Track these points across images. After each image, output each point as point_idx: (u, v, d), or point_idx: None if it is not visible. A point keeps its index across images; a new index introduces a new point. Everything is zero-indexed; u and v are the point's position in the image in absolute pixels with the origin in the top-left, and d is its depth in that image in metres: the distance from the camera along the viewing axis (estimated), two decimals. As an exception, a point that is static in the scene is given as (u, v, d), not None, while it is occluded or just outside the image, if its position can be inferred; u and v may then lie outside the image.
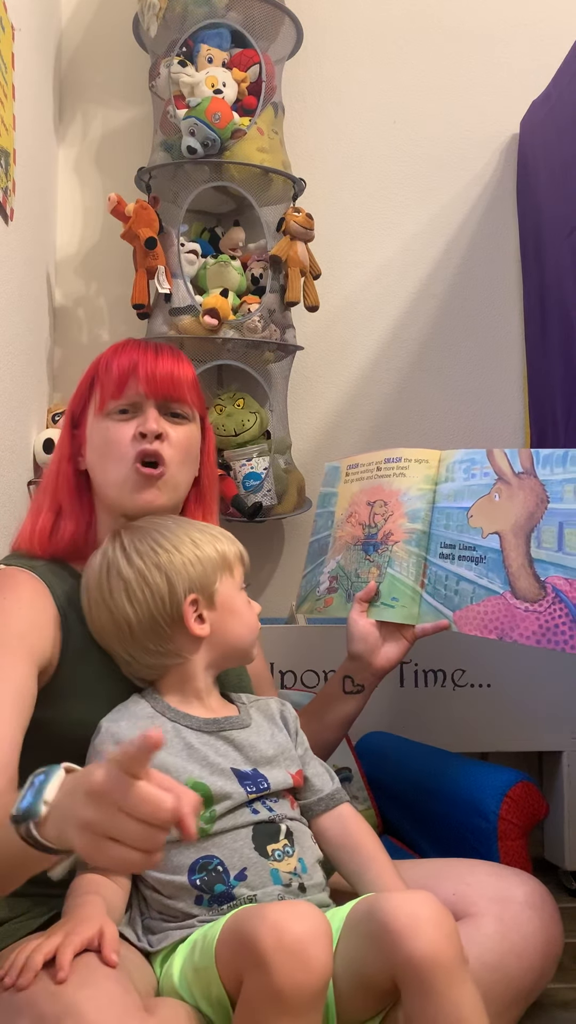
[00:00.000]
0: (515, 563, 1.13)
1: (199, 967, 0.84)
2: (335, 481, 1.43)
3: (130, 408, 1.08)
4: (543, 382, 1.97)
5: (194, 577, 1.00)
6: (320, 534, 1.42)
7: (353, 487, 1.37)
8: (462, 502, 1.22)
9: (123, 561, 1.00)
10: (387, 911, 0.82)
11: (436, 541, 1.23)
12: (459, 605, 1.18)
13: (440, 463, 1.27)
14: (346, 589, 1.30)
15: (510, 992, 0.96)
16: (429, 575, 1.22)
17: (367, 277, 2.11)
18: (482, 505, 1.20)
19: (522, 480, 1.16)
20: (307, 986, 0.74)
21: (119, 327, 2.02)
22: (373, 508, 1.31)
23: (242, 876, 0.91)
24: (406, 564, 1.24)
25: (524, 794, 1.34)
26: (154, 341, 1.17)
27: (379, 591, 1.24)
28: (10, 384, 1.56)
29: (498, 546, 1.16)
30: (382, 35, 2.13)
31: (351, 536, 1.33)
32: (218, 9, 1.82)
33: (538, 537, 1.12)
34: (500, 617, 1.13)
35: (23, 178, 1.61)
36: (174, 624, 0.99)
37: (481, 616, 1.15)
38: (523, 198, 2.10)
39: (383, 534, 1.27)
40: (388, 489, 1.30)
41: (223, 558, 1.03)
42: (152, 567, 0.99)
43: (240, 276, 1.83)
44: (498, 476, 1.19)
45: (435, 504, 1.25)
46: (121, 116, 2.08)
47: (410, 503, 1.27)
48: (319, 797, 1.03)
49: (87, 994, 0.73)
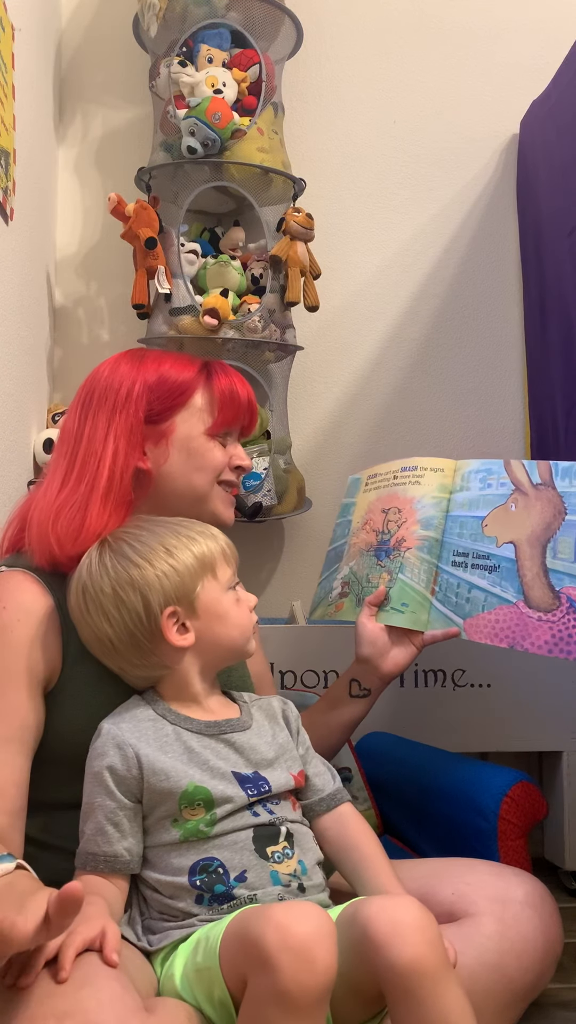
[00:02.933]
0: (530, 573, 1.14)
1: (202, 967, 0.84)
2: (355, 492, 1.44)
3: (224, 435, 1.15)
4: (543, 382, 1.97)
5: (170, 589, 0.97)
6: (337, 542, 1.43)
7: (371, 496, 1.39)
8: (477, 511, 1.22)
9: (96, 580, 0.98)
10: (368, 918, 0.82)
11: (449, 549, 1.23)
12: (470, 613, 1.18)
13: (456, 472, 1.28)
14: (356, 593, 1.31)
15: (509, 992, 0.96)
16: (440, 582, 1.22)
17: (367, 277, 2.11)
18: (498, 514, 1.20)
19: (540, 491, 1.17)
20: (312, 986, 0.74)
21: (119, 327, 2.03)
22: (387, 515, 1.32)
23: (242, 878, 0.91)
24: (417, 570, 1.24)
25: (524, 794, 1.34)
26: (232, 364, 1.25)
27: (389, 596, 1.24)
28: (10, 384, 1.56)
29: (513, 555, 1.16)
30: (382, 35, 2.13)
31: (364, 543, 1.34)
32: (218, 9, 1.82)
33: (554, 548, 1.13)
34: (512, 626, 1.14)
35: (23, 178, 1.61)
36: (154, 639, 0.98)
37: (492, 625, 1.16)
38: (523, 198, 2.10)
39: (395, 540, 1.28)
40: (403, 497, 1.31)
41: (202, 562, 1.00)
42: (125, 585, 0.97)
43: (240, 276, 1.83)
44: (515, 486, 1.20)
45: (449, 512, 1.25)
46: (121, 116, 2.08)
47: (424, 510, 1.27)
48: (320, 797, 1.03)
49: (88, 993, 0.73)
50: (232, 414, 1.14)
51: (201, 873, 0.91)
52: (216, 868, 0.91)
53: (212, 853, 0.92)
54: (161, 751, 0.94)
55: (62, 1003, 0.72)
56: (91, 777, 0.94)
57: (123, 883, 0.93)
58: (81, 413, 1.11)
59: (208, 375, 1.14)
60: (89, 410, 1.11)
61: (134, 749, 0.93)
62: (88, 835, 0.93)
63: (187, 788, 0.92)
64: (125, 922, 0.93)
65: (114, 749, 0.93)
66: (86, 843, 0.93)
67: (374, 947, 0.80)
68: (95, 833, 0.92)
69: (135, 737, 0.94)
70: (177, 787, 0.92)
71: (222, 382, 1.14)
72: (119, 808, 0.92)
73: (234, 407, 1.14)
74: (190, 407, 1.12)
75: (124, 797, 0.93)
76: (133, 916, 0.94)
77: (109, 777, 0.93)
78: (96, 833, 0.92)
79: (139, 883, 0.95)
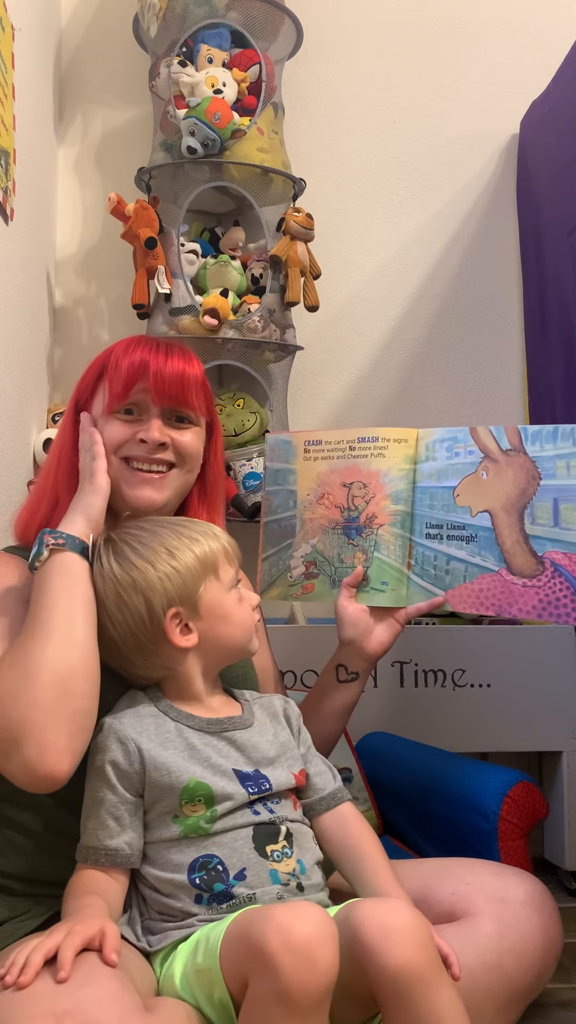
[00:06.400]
0: (509, 540, 1.14)
1: (202, 968, 0.84)
2: (288, 457, 1.35)
3: (135, 409, 1.08)
4: (543, 382, 1.97)
5: (172, 591, 0.97)
6: (279, 514, 1.35)
7: (319, 466, 1.32)
8: (446, 481, 1.21)
9: (100, 582, 0.98)
10: (359, 921, 0.81)
11: (421, 521, 1.22)
12: (451, 584, 1.18)
13: (419, 441, 1.25)
14: (329, 575, 1.28)
15: (509, 992, 0.96)
16: (416, 556, 1.21)
17: (367, 277, 2.11)
18: (468, 483, 1.19)
19: (511, 457, 1.15)
20: (314, 987, 0.74)
21: (119, 327, 2.03)
22: (351, 490, 1.28)
23: (241, 876, 0.91)
24: (393, 547, 1.22)
25: (524, 794, 1.34)
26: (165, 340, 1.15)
27: (367, 576, 1.23)
28: (10, 384, 1.56)
29: (489, 524, 1.16)
30: (382, 35, 2.13)
31: (326, 519, 1.29)
32: (218, 9, 1.82)
33: (532, 513, 1.12)
34: (497, 594, 1.14)
35: (23, 178, 1.61)
36: (158, 640, 0.98)
37: (476, 594, 1.15)
38: (523, 198, 2.10)
39: (366, 517, 1.25)
40: (366, 470, 1.27)
41: (204, 563, 1.00)
42: (128, 587, 0.97)
43: (240, 276, 1.83)
44: (484, 454, 1.18)
45: (416, 484, 1.23)
46: (121, 116, 2.08)
47: (392, 484, 1.24)
48: (320, 796, 1.03)
49: (88, 993, 0.73)
50: (118, 383, 1.06)
51: (200, 870, 0.91)
52: (215, 865, 0.91)
53: (212, 850, 0.92)
54: (163, 747, 0.94)
55: (62, 1003, 0.71)
56: (93, 771, 0.94)
57: (123, 878, 0.93)
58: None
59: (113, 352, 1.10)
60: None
61: (136, 744, 0.93)
62: (90, 829, 0.93)
63: (188, 784, 0.92)
64: (125, 922, 0.93)
65: (116, 743, 0.93)
66: (87, 837, 0.93)
67: (365, 951, 0.79)
68: (96, 827, 0.93)
69: (137, 732, 0.94)
70: (178, 782, 0.92)
71: (118, 355, 1.08)
72: (121, 802, 0.93)
73: (117, 379, 1.06)
74: (99, 391, 1.10)
75: (126, 791, 0.93)
76: (133, 916, 0.94)
77: (111, 771, 0.93)
78: (98, 827, 0.92)
79: (138, 883, 0.95)
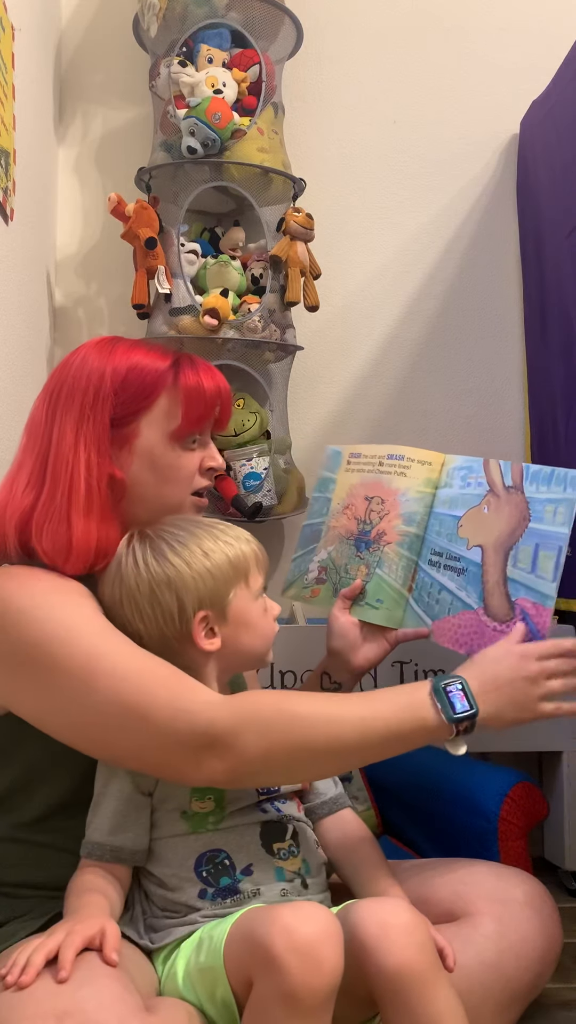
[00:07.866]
0: (491, 579, 1.10)
1: (205, 967, 0.84)
2: (335, 467, 1.39)
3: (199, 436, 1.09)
4: (543, 382, 1.97)
5: (204, 593, 0.96)
6: (314, 520, 1.38)
7: (353, 477, 1.34)
8: (456, 510, 1.19)
9: (133, 575, 0.96)
10: (358, 921, 0.82)
11: (428, 547, 1.20)
12: (438, 615, 1.15)
13: (443, 467, 1.25)
14: (333, 583, 1.29)
15: (508, 992, 0.96)
16: (417, 580, 1.20)
17: (367, 277, 2.11)
18: (472, 516, 1.17)
19: (510, 495, 1.13)
20: (319, 987, 0.74)
21: (119, 327, 2.02)
22: (370, 504, 1.29)
23: (248, 871, 0.92)
24: (395, 567, 1.22)
25: (524, 795, 1.34)
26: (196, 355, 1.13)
27: (365, 590, 1.23)
28: (10, 384, 1.56)
29: (479, 560, 1.12)
30: (382, 35, 2.13)
31: (345, 529, 1.31)
32: (218, 9, 1.82)
33: (515, 556, 1.08)
34: (471, 633, 1.10)
35: (23, 178, 1.61)
36: (183, 641, 0.97)
37: (455, 629, 1.13)
38: (523, 198, 2.10)
39: (376, 532, 1.26)
40: (388, 487, 1.28)
41: (236, 568, 0.99)
42: (162, 584, 0.95)
43: (240, 276, 1.83)
44: (490, 487, 1.16)
45: (433, 509, 1.22)
46: (121, 116, 2.08)
47: (407, 505, 1.25)
48: (322, 800, 1.04)
49: (88, 993, 0.73)
50: (199, 414, 1.06)
51: (208, 864, 0.92)
52: (223, 860, 0.92)
53: (219, 845, 0.93)
54: None
55: (62, 1003, 0.72)
56: (104, 768, 0.95)
57: (126, 875, 0.94)
58: (49, 408, 1.07)
59: (176, 372, 1.06)
60: (57, 406, 1.06)
61: None
62: (95, 825, 0.93)
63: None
64: (127, 920, 0.94)
65: None
66: (92, 832, 0.93)
67: (364, 950, 0.80)
68: (103, 823, 0.93)
69: None
70: None
71: (189, 380, 1.06)
72: (130, 799, 0.93)
73: (201, 406, 1.06)
74: (155, 410, 1.05)
75: (136, 789, 0.93)
76: (135, 914, 0.95)
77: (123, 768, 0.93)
78: (104, 823, 0.93)
79: (142, 879, 0.95)
